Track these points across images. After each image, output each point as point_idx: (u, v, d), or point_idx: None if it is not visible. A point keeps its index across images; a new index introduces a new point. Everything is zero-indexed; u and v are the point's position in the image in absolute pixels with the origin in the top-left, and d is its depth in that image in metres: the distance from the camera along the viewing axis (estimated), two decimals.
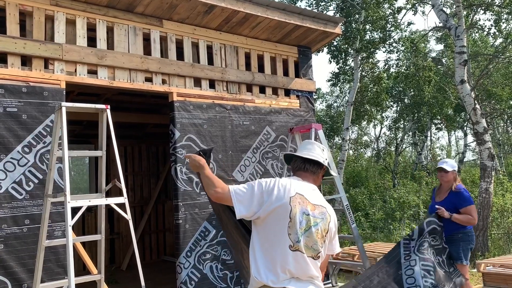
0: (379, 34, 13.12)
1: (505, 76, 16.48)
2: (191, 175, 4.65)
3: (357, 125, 22.66)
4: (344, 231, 10.48)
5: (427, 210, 4.65)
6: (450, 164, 4.50)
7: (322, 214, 2.35)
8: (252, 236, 2.34)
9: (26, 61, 3.86)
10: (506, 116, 20.51)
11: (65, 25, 4.09)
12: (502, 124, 24.11)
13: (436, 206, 4.31)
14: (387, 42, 13.28)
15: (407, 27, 20.99)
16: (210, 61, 5.12)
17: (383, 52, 13.72)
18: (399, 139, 21.40)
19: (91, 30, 4.32)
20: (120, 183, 3.21)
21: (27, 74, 3.80)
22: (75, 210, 2.91)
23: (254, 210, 2.25)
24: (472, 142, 23.01)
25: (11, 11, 3.80)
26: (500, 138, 21.44)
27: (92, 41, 4.30)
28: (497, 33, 12.33)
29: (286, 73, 5.89)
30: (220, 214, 2.88)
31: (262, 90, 5.60)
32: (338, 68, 14.41)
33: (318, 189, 2.46)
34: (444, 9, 10.16)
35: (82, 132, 7.51)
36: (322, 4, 14.32)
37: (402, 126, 21.42)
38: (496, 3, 11.30)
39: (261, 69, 5.63)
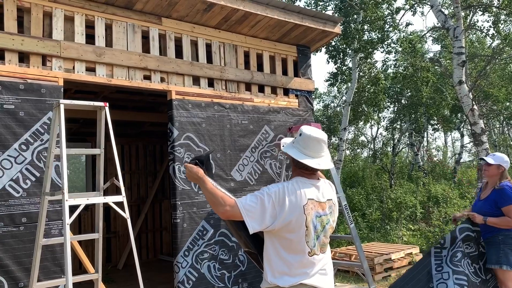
0: (377, 34, 13.11)
1: (502, 77, 16.52)
2: None
3: (354, 126, 22.66)
4: (342, 231, 10.48)
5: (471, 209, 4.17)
6: (496, 157, 4.01)
7: (330, 208, 2.38)
8: (266, 242, 2.33)
9: (23, 57, 3.82)
10: (502, 117, 20.58)
11: (63, 22, 4.05)
12: (498, 126, 24.19)
13: (465, 212, 3.98)
14: (385, 43, 13.28)
15: (405, 27, 21.03)
16: (209, 60, 5.09)
17: (381, 52, 13.69)
18: (396, 140, 21.43)
19: (90, 27, 4.29)
20: (118, 181, 3.18)
21: (24, 71, 3.76)
22: (72, 209, 2.88)
23: (267, 224, 2.22)
24: (469, 143, 23.11)
25: (8, 7, 3.76)
26: (496, 139, 21.48)
27: (90, 38, 4.26)
28: (495, 34, 12.34)
29: (285, 72, 5.87)
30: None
31: (261, 89, 5.58)
32: (336, 68, 14.39)
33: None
34: (443, 9, 10.17)
35: (79, 130, 7.48)
36: (320, 4, 14.30)
37: (399, 126, 21.44)
38: (495, 4, 11.32)
39: (260, 68, 5.61)
